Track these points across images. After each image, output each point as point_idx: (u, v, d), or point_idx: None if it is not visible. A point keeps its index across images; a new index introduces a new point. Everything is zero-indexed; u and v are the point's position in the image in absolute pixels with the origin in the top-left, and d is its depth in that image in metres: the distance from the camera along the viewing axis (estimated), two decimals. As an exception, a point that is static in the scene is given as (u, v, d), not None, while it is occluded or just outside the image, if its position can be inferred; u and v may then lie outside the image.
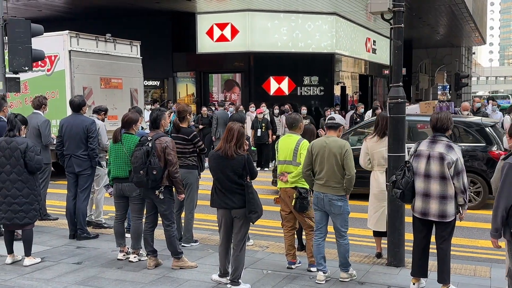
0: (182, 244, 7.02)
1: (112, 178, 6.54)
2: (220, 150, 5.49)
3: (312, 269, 6.12)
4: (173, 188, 6.28)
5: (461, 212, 5.31)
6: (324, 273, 5.82)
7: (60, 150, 7.68)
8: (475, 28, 32.71)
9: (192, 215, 7.24)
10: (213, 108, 18.45)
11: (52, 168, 9.34)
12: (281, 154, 6.24)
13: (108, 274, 6.10)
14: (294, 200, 6.03)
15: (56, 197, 10.45)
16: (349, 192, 5.79)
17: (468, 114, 14.04)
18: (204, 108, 16.75)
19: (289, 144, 6.16)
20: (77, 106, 7.70)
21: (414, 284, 5.55)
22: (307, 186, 6.08)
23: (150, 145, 5.95)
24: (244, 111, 16.80)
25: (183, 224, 7.29)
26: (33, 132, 8.14)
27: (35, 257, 6.51)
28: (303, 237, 6.68)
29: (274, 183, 10.88)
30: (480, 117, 12.09)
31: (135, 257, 6.54)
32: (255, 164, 7.44)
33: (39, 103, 8.43)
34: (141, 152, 5.94)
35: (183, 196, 6.41)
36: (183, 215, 7.29)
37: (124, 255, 6.64)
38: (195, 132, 7.22)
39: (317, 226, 5.92)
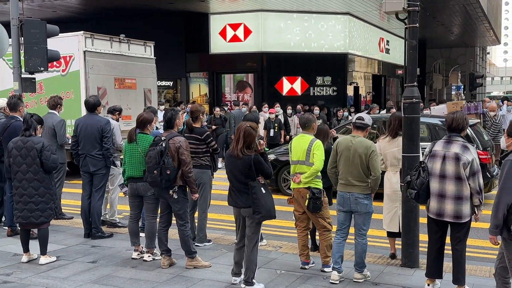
0: (196, 244, 7.04)
1: (127, 177, 6.58)
2: (232, 150, 5.54)
3: (325, 269, 6.11)
4: (187, 188, 6.30)
5: (476, 213, 5.28)
6: (338, 272, 5.82)
7: (75, 149, 7.75)
8: (490, 28, 32.44)
9: (206, 214, 7.26)
10: (226, 108, 18.51)
11: (67, 168, 9.41)
12: (294, 154, 6.23)
13: (122, 273, 6.14)
14: (307, 200, 6.01)
15: (71, 196, 10.53)
16: (374, 192, 5.84)
17: (495, 115, 13.96)
18: (217, 109, 16.80)
19: (302, 144, 6.15)
20: (92, 106, 7.75)
21: (428, 285, 5.52)
22: (320, 186, 6.09)
23: (163, 145, 5.98)
24: (257, 111, 16.84)
25: (196, 224, 7.32)
26: (48, 132, 8.22)
27: (51, 256, 6.57)
28: (317, 237, 6.67)
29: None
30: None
31: (149, 256, 6.57)
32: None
33: (55, 103, 8.50)
34: (155, 152, 5.97)
35: (197, 195, 6.43)
36: (196, 214, 7.32)
37: (138, 254, 6.68)
38: (208, 132, 7.24)
39: (340, 226, 5.92)
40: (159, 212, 6.56)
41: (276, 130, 15.48)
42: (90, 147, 7.58)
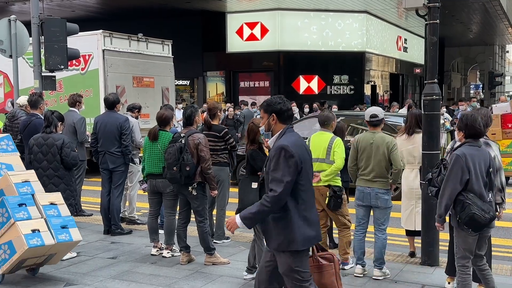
0: (214, 241, 7.05)
1: (146, 174, 6.62)
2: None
3: (345, 267, 6.09)
4: (206, 185, 6.32)
5: (498, 210, 5.21)
6: (363, 266, 5.88)
7: (94, 147, 7.81)
8: (509, 26, 32.02)
9: (224, 212, 7.27)
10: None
11: (86, 166, 9.51)
12: (313, 152, 6.18)
13: (142, 269, 6.18)
14: (328, 198, 6.01)
15: (90, 193, 10.63)
16: (395, 184, 5.94)
17: None
18: (231, 109, 16.67)
19: (321, 142, 6.13)
20: (111, 103, 7.81)
21: (449, 283, 5.47)
22: (340, 184, 6.10)
23: (183, 141, 6.01)
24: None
25: (214, 221, 7.34)
26: (68, 130, 8.30)
27: (71, 252, 6.62)
28: (335, 235, 6.65)
29: None
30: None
31: (168, 252, 6.60)
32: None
33: (74, 101, 8.59)
34: (174, 148, 6.00)
35: (216, 192, 6.45)
36: (214, 212, 7.34)
37: (157, 250, 6.71)
38: (226, 129, 7.25)
39: (360, 221, 5.94)
40: (178, 209, 6.59)
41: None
42: (109, 144, 7.63)
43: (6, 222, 5.44)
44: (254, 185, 5.33)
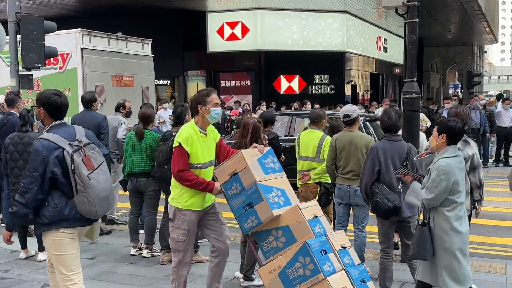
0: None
1: (127, 173, 6.55)
2: (236, 145, 5.48)
3: None
4: None
5: (477, 207, 5.26)
6: None
7: None
8: (487, 26, 32.47)
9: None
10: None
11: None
12: (303, 150, 6.23)
13: (121, 269, 6.11)
14: (319, 195, 6.05)
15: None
16: None
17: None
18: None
19: (312, 140, 6.15)
20: (88, 102, 7.73)
21: None
22: (329, 181, 6.16)
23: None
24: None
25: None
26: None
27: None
28: None
29: None
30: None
31: (148, 252, 6.54)
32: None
33: None
34: (165, 147, 5.97)
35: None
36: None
37: (137, 250, 6.66)
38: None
39: (340, 219, 5.98)
40: (162, 208, 6.53)
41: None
42: None
43: (311, 276, 3.97)
44: None
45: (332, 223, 6.41)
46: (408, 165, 4.83)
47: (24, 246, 6.52)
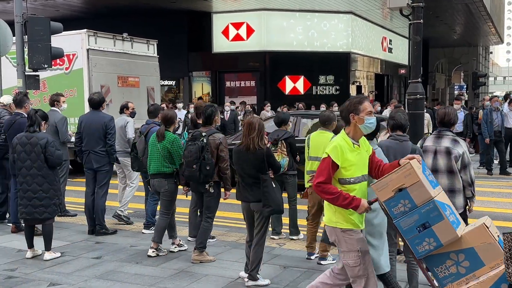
0: (188, 238, 7.14)
1: (149, 173, 6.66)
2: (242, 145, 5.53)
3: (322, 262, 6.26)
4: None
5: (469, 204, 5.35)
6: None
7: (78, 146, 7.76)
8: (493, 27, 32.39)
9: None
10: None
11: (70, 166, 9.44)
12: (313, 151, 6.33)
13: (127, 268, 6.15)
14: None
15: (75, 194, 10.55)
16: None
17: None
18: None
19: (322, 141, 6.19)
20: (97, 103, 7.78)
21: None
22: None
23: (204, 140, 6.05)
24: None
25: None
26: (50, 129, 8.23)
27: (55, 252, 6.57)
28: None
29: None
30: None
31: (153, 251, 6.59)
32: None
33: (52, 101, 8.57)
34: (196, 147, 6.03)
35: (229, 193, 6.44)
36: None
37: (175, 247, 6.78)
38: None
39: None
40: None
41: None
42: (93, 143, 7.59)
43: None
44: (273, 184, 5.44)
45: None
46: None
47: (30, 245, 6.57)
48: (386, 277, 4.58)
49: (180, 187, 6.70)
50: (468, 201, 5.34)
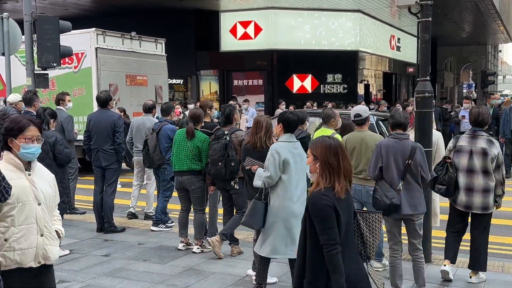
0: (207, 238, 7.09)
1: (174, 171, 6.73)
2: (249, 143, 5.57)
3: None
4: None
5: (497, 201, 5.50)
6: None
7: (87, 144, 7.80)
8: (502, 25, 32.17)
9: (216, 209, 7.29)
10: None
11: (78, 164, 9.49)
12: None
13: (135, 266, 6.18)
14: None
15: (83, 192, 10.60)
16: None
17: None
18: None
19: None
20: (104, 101, 7.82)
21: (470, 277, 5.68)
22: None
23: (227, 138, 6.17)
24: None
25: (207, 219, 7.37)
26: (56, 128, 8.27)
27: (64, 250, 6.61)
28: None
29: None
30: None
31: (198, 248, 6.66)
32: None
33: (58, 100, 8.67)
34: (220, 145, 6.15)
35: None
36: (207, 210, 7.35)
37: (184, 245, 6.82)
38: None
39: None
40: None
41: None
42: (102, 142, 7.63)
43: None
44: None
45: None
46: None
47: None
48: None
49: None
50: (498, 198, 5.47)
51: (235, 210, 6.59)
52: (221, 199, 6.85)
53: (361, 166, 5.83)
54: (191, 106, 16.42)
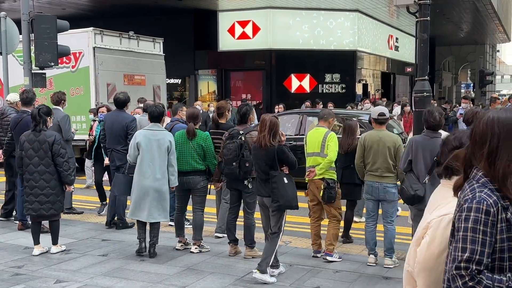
0: (216, 234, 7.17)
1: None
2: (257, 142, 5.65)
3: (328, 257, 6.28)
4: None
5: None
6: (375, 256, 6.13)
7: (104, 143, 8.01)
8: (500, 25, 32.21)
9: (227, 205, 7.28)
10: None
11: (76, 164, 9.47)
12: (310, 147, 6.46)
13: (133, 266, 6.16)
14: (322, 191, 6.17)
15: (80, 191, 10.57)
16: (401, 180, 6.13)
17: None
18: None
19: (317, 136, 6.40)
20: (123, 103, 7.88)
21: None
22: (334, 177, 6.33)
23: (242, 138, 6.15)
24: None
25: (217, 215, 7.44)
26: (54, 128, 8.25)
27: (61, 245, 6.64)
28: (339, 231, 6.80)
29: None
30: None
31: (196, 248, 6.65)
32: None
33: (58, 99, 8.55)
34: (234, 145, 6.13)
35: None
36: (209, 210, 7.37)
37: (182, 245, 6.80)
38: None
39: (370, 214, 6.21)
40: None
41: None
42: (115, 142, 7.77)
43: None
44: (286, 180, 5.49)
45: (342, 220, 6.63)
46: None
47: (37, 242, 6.59)
48: None
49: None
50: None
51: (241, 211, 6.56)
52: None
53: (378, 164, 5.99)
54: (198, 106, 16.36)
